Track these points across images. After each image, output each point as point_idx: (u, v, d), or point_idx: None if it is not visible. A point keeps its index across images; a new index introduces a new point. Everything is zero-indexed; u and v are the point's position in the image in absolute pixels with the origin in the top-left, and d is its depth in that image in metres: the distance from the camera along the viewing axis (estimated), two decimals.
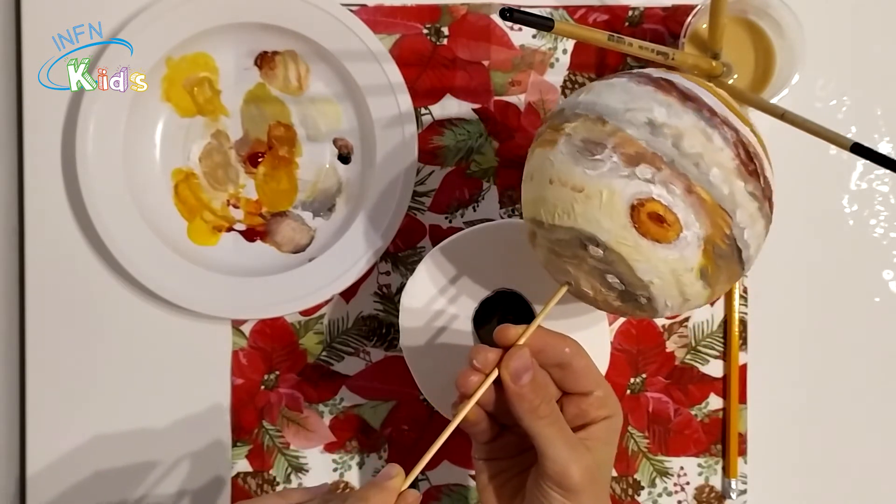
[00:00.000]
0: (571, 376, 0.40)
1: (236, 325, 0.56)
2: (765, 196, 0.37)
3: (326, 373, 0.56)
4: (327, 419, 0.56)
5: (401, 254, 0.56)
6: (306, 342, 0.56)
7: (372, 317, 0.56)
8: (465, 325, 0.50)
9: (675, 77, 0.38)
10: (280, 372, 0.56)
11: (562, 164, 0.37)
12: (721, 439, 0.56)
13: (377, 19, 0.55)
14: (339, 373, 0.56)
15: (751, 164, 0.36)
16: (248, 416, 0.56)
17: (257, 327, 0.56)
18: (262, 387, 0.56)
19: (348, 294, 0.56)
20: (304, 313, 0.56)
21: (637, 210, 0.35)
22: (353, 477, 0.57)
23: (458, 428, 0.39)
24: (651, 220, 0.35)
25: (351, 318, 0.56)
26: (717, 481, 0.56)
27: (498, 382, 0.39)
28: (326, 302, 0.56)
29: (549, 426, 0.38)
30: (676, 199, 0.35)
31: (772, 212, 0.39)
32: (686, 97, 0.37)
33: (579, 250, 0.38)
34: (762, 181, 0.37)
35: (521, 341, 0.39)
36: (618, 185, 0.35)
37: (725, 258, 0.37)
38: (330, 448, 0.57)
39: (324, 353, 0.56)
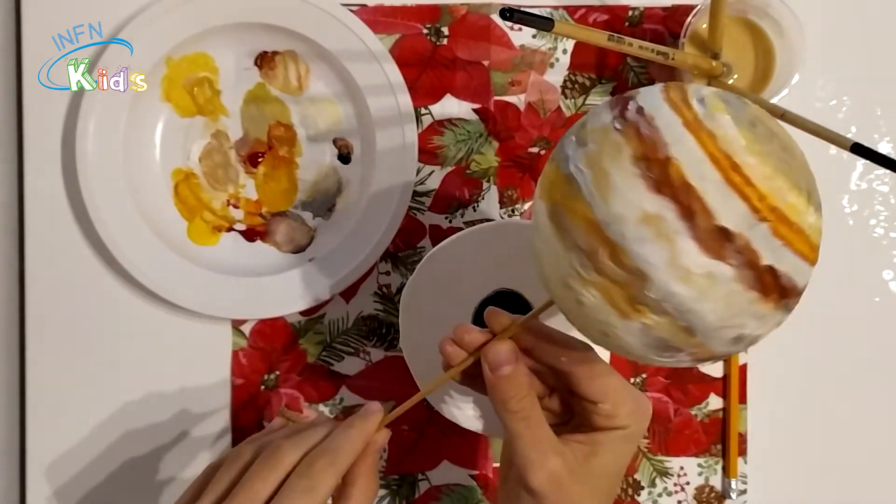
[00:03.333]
0: (572, 383, 0.38)
1: (236, 325, 0.56)
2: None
3: (326, 373, 0.56)
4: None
5: (401, 254, 0.56)
6: (306, 342, 0.56)
7: (372, 317, 0.56)
8: None
9: (784, 264, 0.30)
10: (280, 372, 0.56)
11: (630, 339, 0.32)
12: (721, 439, 0.56)
13: (377, 19, 0.55)
14: (339, 373, 0.56)
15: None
16: (248, 416, 0.56)
17: (257, 327, 0.56)
18: (262, 387, 0.56)
19: (348, 294, 0.56)
20: (304, 313, 0.56)
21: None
22: None
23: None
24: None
25: (351, 318, 0.56)
26: (717, 481, 0.56)
27: None
28: (326, 302, 0.56)
29: (517, 422, 0.37)
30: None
31: None
32: (783, 294, 0.31)
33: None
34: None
35: (506, 335, 0.38)
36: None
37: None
38: None
39: (324, 353, 0.56)
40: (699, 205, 0.29)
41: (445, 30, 0.55)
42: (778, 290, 0.31)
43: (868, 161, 0.39)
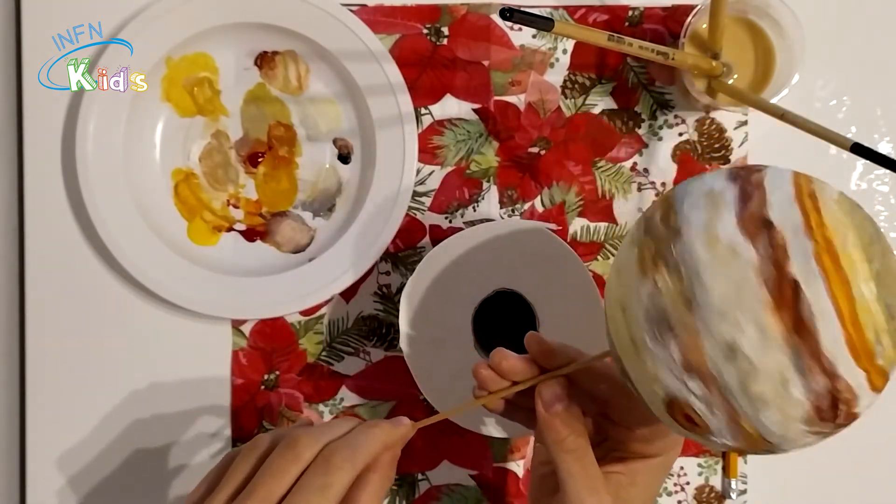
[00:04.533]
0: (610, 409, 0.38)
1: (236, 325, 0.56)
2: (836, 427, 0.32)
3: (326, 373, 0.56)
4: (327, 419, 0.56)
5: (401, 254, 0.56)
6: (306, 342, 0.56)
7: (372, 317, 0.56)
8: (464, 324, 0.50)
9: (814, 282, 0.29)
10: (280, 372, 0.56)
11: (636, 307, 0.32)
12: None
13: (377, 19, 0.55)
14: (339, 373, 0.56)
15: (832, 413, 0.31)
16: (248, 416, 0.56)
17: (257, 327, 0.56)
18: (262, 387, 0.56)
19: (348, 294, 0.56)
20: (304, 313, 0.56)
21: (672, 404, 0.32)
22: None
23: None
24: (683, 417, 0.32)
25: (351, 318, 0.56)
26: (717, 481, 0.56)
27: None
28: (326, 302, 0.56)
29: (573, 461, 0.36)
30: (716, 419, 0.31)
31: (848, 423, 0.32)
32: (798, 327, 0.29)
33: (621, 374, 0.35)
34: (839, 423, 0.31)
35: (562, 372, 0.37)
36: (665, 378, 0.32)
37: (759, 451, 0.33)
38: None
39: (324, 353, 0.56)
40: (759, 192, 0.31)
41: (445, 30, 0.55)
42: (792, 311, 0.29)
43: (868, 161, 0.38)
